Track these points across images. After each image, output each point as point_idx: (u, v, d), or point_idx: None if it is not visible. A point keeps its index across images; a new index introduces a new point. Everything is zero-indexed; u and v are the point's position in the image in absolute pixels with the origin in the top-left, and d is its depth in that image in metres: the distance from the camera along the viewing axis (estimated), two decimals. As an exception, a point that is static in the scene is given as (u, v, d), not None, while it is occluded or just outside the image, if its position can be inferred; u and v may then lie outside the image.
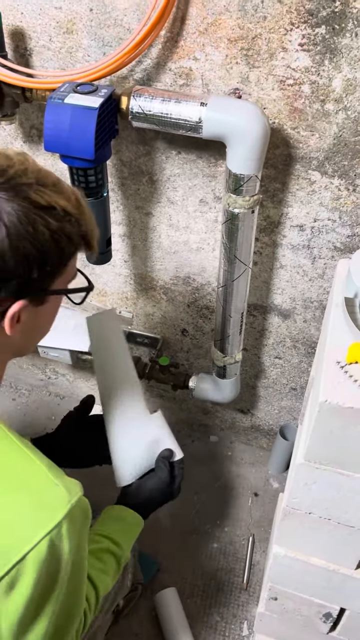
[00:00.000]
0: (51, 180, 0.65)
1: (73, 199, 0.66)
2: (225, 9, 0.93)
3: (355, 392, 0.68)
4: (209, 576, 1.46)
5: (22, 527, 0.62)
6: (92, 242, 0.71)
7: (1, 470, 0.64)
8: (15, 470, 0.65)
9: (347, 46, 0.91)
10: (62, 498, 0.64)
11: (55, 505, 0.63)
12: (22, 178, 0.61)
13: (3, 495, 0.63)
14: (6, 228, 0.59)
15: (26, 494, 0.63)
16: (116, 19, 1.00)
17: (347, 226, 1.13)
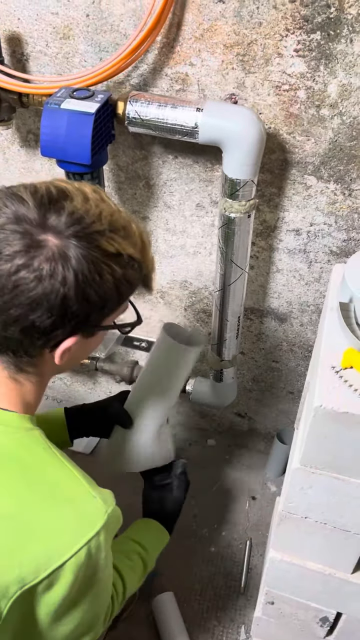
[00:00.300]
0: (121, 223, 0.67)
1: (139, 243, 0.69)
2: (221, 15, 0.93)
3: (350, 397, 0.68)
4: (206, 580, 1.45)
5: (64, 536, 0.66)
6: (150, 284, 0.74)
7: (46, 482, 0.69)
8: (58, 483, 0.69)
9: (342, 52, 0.91)
10: (100, 509, 0.68)
11: (94, 516, 0.67)
12: (96, 224, 0.64)
13: (48, 506, 0.67)
14: (75, 276, 0.62)
15: (69, 506, 0.68)
16: (112, 25, 1.00)
17: (343, 230, 1.13)
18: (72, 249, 0.62)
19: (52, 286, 0.62)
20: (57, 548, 0.65)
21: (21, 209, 0.63)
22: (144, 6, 0.96)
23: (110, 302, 0.67)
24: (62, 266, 0.61)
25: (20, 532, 0.66)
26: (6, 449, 0.70)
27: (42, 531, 0.66)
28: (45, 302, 0.62)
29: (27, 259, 0.61)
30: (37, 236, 0.62)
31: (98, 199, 0.66)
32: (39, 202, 0.63)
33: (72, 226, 0.62)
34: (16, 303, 0.62)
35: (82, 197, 0.65)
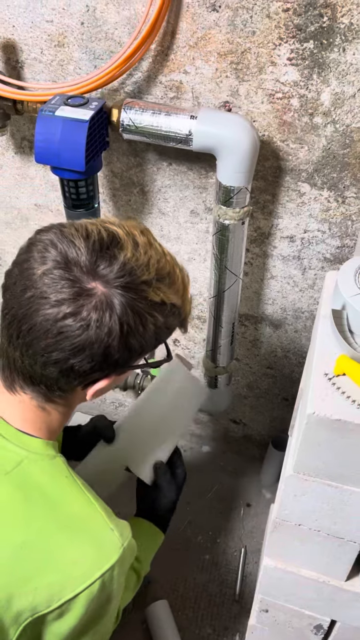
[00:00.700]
0: (167, 270, 0.68)
1: (181, 288, 0.70)
2: (214, 23, 0.94)
3: (343, 404, 0.68)
4: (200, 588, 1.45)
5: (79, 568, 0.67)
6: (186, 325, 0.75)
7: (66, 512, 0.69)
8: (77, 513, 0.70)
9: (335, 61, 0.92)
10: (116, 543, 0.68)
11: (110, 549, 0.68)
12: (144, 275, 0.64)
13: (66, 537, 0.68)
14: (120, 326, 0.63)
15: (86, 537, 0.68)
16: (107, 33, 1.00)
17: (337, 237, 1.13)
18: (119, 299, 0.62)
19: (97, 335, 0.62)
20: (72, 579, 0.66)
21: (71, 253, 0.62)
22: (139, 14, 0.96)
23: (148, 348, 0.68)
24: (109, 316, 0.62)
25: (37, 561, 0.66)
26: (30, 477, 0.70)
27: (59, 561, 0.67)
28: (88, 350, 0.63)
29: (75, 307, 0.61)
30: (86, 284, 0.62)
31: (146, 244, 0.66)
32: (90, 248, 0.63)
33: (122, 277, 0.63)
34: (59, 347, 0.63)
35: (132, 244, 0.65)
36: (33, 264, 0.63)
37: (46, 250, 0.63)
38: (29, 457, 0.71)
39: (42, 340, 0.63)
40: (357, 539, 0.84)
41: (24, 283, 0.63)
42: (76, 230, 0.64)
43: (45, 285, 0.62)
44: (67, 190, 1.02)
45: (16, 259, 0.67)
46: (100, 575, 0.67)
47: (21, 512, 0.68)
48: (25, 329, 0.63)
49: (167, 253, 0.70)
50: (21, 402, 0.71)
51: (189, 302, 0.73)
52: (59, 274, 0.61)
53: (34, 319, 0.62)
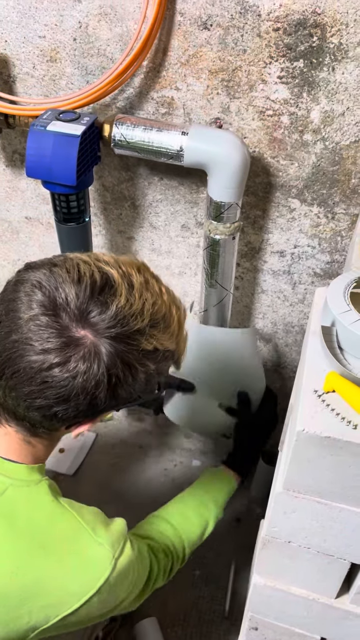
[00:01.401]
0: (162, 312, 0.65)
1: (176, 330, 0.67)
2: (206, 41, 0.95)
3: (333, 421, 0.68)
4: (190, 605, 1.43)
5: (71, 589, 0.67)
6: (180, 363, 0.72)
7: (52, 534, 0.69)
8: (63, 533, 0.69)
9: (325, 79, 0.93)
10: (106, 557, 0.68)
11: (100, 566, 0.68)
12: (137, 322, 0.61)
13: (54, 559, 0.68)
14: (109, 378, 0.60)
15: (75, 558, 0.68)
16: (99, 49, 1.01)
17: (327, 253, 1.14)
18: (109, 350, 0.59)
19: (83, 387, 0.60)
20: (65, 600, 0.67)
21: (60, 297, 0.59)
22: (131, 32, 0.97)
23: (136, 394, 0.66)
24: (97, 367, 0.59)
25: (28, 587, 0.66)
26: (16, 505, 0.69)
27: (50, 586, 0.67)
28: (73, 400, 0.61)
29: (62, 357, 0.58)
30: (75, 333, 0.59)
31: (142, 285, 0.63)
32: (82, 293, 0.59)
33: (113, 327, 0.59)
34: (42, 395, 0.60)
35: (126, 288, 0.61)
36: (19, 306, 0.60)
37: (33, 293, 0.60)
38: (13, 484, 0.69)
39: (25, 386, 0.60)
40: (346, 557, 0.84)
41: (9, 325, 0.60)
42: (67, 272, 0.60)
43: (31, 332, 0.58)
44: (58, 204, 1.02)
45: (2, 294, 0.64)
46: (95, 591, 0.67)
47: (9, 541, 0.67)
48: (8, 372, 0.61)
49: (164, 292, 0.67)
50: (6, 434, 0.70)
51: (184, 340, 0.70)
52: (45, 321, 0.58)
53: (17, 364, 0.59)
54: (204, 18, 0.92)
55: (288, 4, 0.88)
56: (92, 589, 0.67)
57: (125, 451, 1.75)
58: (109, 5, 0.95)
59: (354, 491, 0.73)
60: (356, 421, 0.68)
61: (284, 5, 0.88)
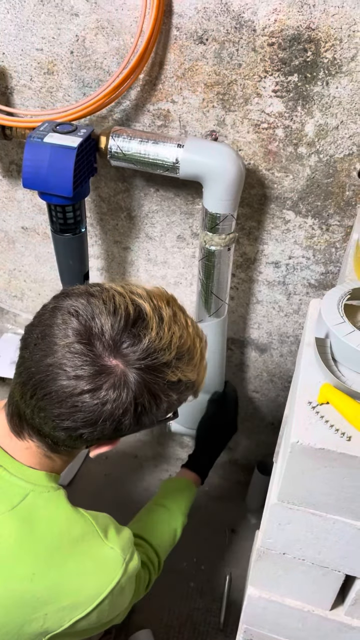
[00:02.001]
0: (188, 345, 0.68)
1: (199, 361, 0.71)
2: (201, 55, 0.96)
3: (327, 433, 0.68)
4: (184, 616, 1.42)
5: (87, 590, 0.70)
6: (198, 392, 0.75)
7: (69, 538, 0.71)
8: (79, 537, 0.72)
9: (319, 94, 0.94)
10: (118, 559, 0.72)
11: (113, 568, 0.72)
12: (165, 355, 0.65)
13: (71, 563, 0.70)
14: (135, 407, 0.64)
15: (90, 561, 0.71)
16: (96, 62, 1.02)
17: (321, 264, 1.15)
18: (138, 380, 0.63)
19: (111, 413, 0.63)
20: (81, 601, 0.70)
21: (96, 327, 0.62)
22: (127, 45, 0.98)
23: (157, 422, 0.70)
24: (126, 396, 0.63)
25: (47, 590, 0.68)
26: (36, 509, 0.71)
27: (67, 588, 0.69)
28: (100, 424, 0.64)
29: (93, 384, 0.61)
30: (107, 362, 0.62)
31: (171, 318, 0.67)
32: (117, 325, 0.62)
33: (144, 360, 0.63)
34: (71, 418, 0.63)
35: (157, 321, 0.65)
36: (56, 331, 0.63)
37: (70, 321, 0.62)
38: (34, 489, 0.72)
39: (55, 409, 0.63)
40: (341, 568, 0.84)
41: (44, 349, 0.63)
42: (104, 303, 0.63)
43: (65, 358, 0.61)
44: (54, 214, 1.03)
45: (39, 317, 0.67)
46: (108, 592, 0.71)
47: (28, 545, 0.69)
48: (40, 393, 0.63)
49: (189, 324, 0.70)
50: (28, 448, 0.73)
51: (204, 369, 0.74)
52: (80, 349, 0.61)
53: (50, 386, 0.62)
54: (199, 32, 0.94)
55: (283, 19, 0.89)
56: (105, 590, 0.70)
57: (119, 461, 1.75)
58: (105, 19, 0.97)
59: (348, 503, 0.73)
60: (350, 433, 0.68)
61: (279, 20, 0.89)
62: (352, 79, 0.91)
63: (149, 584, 0.96)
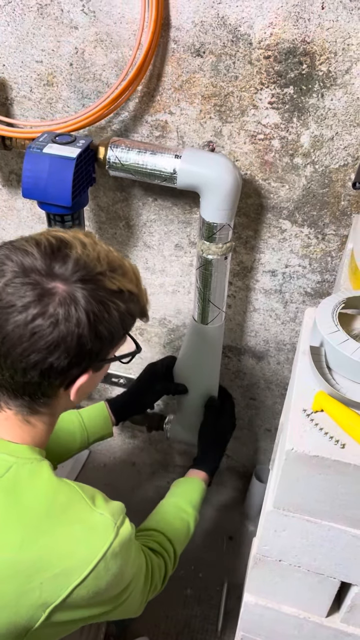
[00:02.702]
0: (117, 262, 0.73)
1: (134, 278, 0.75)
2: (199, 68, 0.98)
3: (321, 440, 0.69)
4: (182, 624, 1.42)
5: (79, 553, 0.70)
6: (147, 314, 0.79)
7: (56, 506, 0.72)
8: (68, 506, 0.73)
9: (314, 105, 0.96)
10: (109, 523, 0.72)
11: (104, 531, 0.72)
12: (97, 267, 0.69)
13: (60, 530, 0.71)
14: (87, 316, 0.67)
15: (79, 525, 0.72)
16: (95, 74, 1.04)
17: (317, 272, 1.16)
18: (80, 292, 0.67)
19: (67, 329, 0.66)
20: (75, 566, 0.69)
21: (27, 261, 0.67)
22: (126, 58, 1.00)
23: (117, 336, 0.73)
24: (75, 308, 0.66)
25: (38, 557, 0.69)
26: (21, 480, 0.73)
27: (59, 553, 0.70)
28: (62, 344, 0.66)
29: (41, 307, 0.65)
30: (46, 285, 0.66)
31: (92, 243, 0.72)
32: (43, 253, 0.67)
33: (77, 272, 0.67)
34: (35, 349, 0.66)
35: (80, 244, 0.70)
36: None
37: (3, 264, 0.67)
38: (17, 462, 0.73)
39: (17, 347, 0.66)
40: (336, 575, 0.84)
41: None
42: (26, 242, 0.69)
43: (9, 295, 0.65)
44: (53, 224, 1.04)
45: None
46: (101, 556, 0.70)
47: (15, 515, 0.70)
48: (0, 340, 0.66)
49: (112, 250, 0.75)
50: (7, 419, 0.74)
51: (144, 292, 0.78)
52: (19, 282, 0.65)
53: (5, 328, 0.66)
54: (197, 45, 0.95)
55: (278, 33, 0.91)
56: (98, 553, 0.70)
57: (118, 468, 1.75)
58: (104, 32, 0.98)
59: (343, 510, 0.74)
60: (344, 440, 0.69)
61: (275, 34, 0.91)
62: (347, 91, 0.93)
63: (166, 575, 0.95)
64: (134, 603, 0.84)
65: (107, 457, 1.79)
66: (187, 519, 1.04)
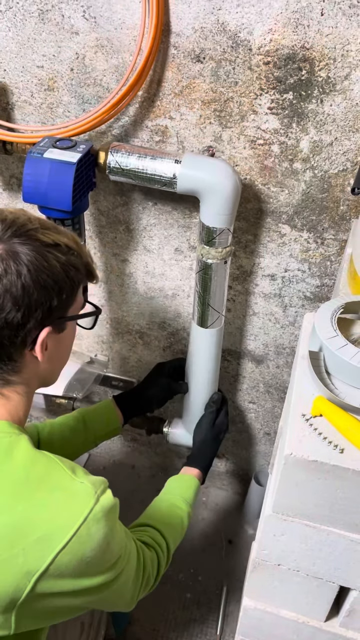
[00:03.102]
0: (51, 223, 0.77)
1: (70, 236, 0.79)
2: (199, 73, 0.98)
3: (320, 445, 0.69)
4: (182, 628, 1.42)
5: (60, 518, 0.69)
6: (93, 272, 0.83)
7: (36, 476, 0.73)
8: (47, 475, 0.73)
9: (313, 111, 0.96)
10: (89, 491, 0.72)
11: (84, 497, 0.71)
12: (28, 225, 0.73)
13: (40, 496, 0.71)
14: (26, 266, 0.70)
15: (59, 492, 0.72)
16: (95, 79, 1.04)
17: (316, 277, 1.16)
18: (16, 247, 0.70)
19: (10, 281, 0.69)
20: (57, 531, 0.68)
21: None
22: (126, 63, 1.01)
23: (65, 288, 0.74)
24: (14, 261, 0.69)
25: (18, 523, 0.69)
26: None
27: (39, 519, 0.69)
28: (9, 296, 0.69)
29: None
30: None
31: (21, 212, 0.76)
32: None
33: (9, 229, 0.71)
34: None
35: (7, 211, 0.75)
36: None
37: None
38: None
39: None
40: (335, 579, 0.85)
41: None
42: None
43: None
44: (53, 228, 1.04)
45: None
46: (82, 520, 0.69)
47: None
48: None
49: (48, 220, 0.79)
50: None
51: (85, 250, 0.81)
52: None
53: None
54: (197, 51, 0.96)
55: (278, 39, 0.91)
56: (79, 517, 0.69)
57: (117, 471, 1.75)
58: (105, 38, 0.99)
59: (341, 514, 0.74)
60: (343, 445, 0.69)
61: (274, 40, 0.91)
62: (346, 97, 0.93)
63: (159, 569, 0.94)
64: (125, 591, 0.82)
65: (106, 459, 1.79)
66: (180, 514, 1.05)
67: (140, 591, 0.89)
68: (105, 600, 0.80)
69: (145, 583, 0.89)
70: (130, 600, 0.87)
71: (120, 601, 0.85)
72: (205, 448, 1.23)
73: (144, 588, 0.90)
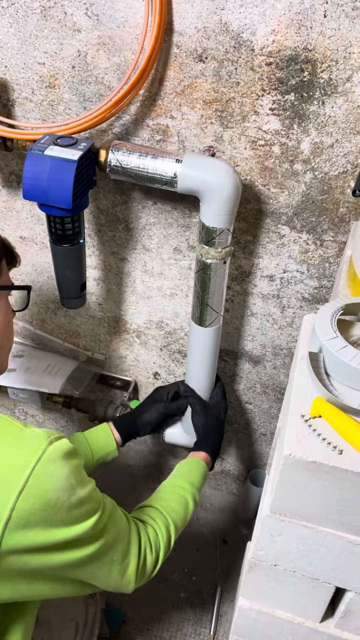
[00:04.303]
0: None
1: None
2: (201, 73, 0.98)
3: (319, 446, 0.69)
4: (175, 627, 1.42)
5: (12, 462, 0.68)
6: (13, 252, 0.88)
7: None
8: None
9: (315, 112, 0.96)
10: (40, 436, 0.71)
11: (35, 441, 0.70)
12: None
13: None
14: None
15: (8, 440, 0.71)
16: (97, 77, 1.04)
17: (315, 278, 1.17)
18: None
19: None
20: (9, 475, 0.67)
21: None
22: (128, 62, 1.00)
23: None
24: None
25: None
26: None
27: None
28: None
29: None
30: None
31: None
32: None
33: None
34: None
35: None
36: None
37: None
38: None
39: None
40: (331, 580, 0.85)
41: None
42: None
43: None
44: (53, 225, 1.04)
45: None
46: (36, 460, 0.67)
47: None
48: None
49: None
50: None
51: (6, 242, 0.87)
52: None
53: None
54: (199, 51, 0.96)
55: (280, 40, 0.91)
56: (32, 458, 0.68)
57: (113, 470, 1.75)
58: (107, 36, 0.99)
59: (339, 516, 0.74)
60: (342, 446, 0.69)
61: (277, 41, 0.91)
62: (348, 99, 0.93)
63: (159, 549, 0.91)
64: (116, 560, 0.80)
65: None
66: (184, 494, 1.04)
67: (138, 568, 0.85)
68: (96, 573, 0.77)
69: (142, 560, 0.86)
70: (130, 578, 0.84)
71: (116, 575, 0.81)
72: (208, 430, 1.23)
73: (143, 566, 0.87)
